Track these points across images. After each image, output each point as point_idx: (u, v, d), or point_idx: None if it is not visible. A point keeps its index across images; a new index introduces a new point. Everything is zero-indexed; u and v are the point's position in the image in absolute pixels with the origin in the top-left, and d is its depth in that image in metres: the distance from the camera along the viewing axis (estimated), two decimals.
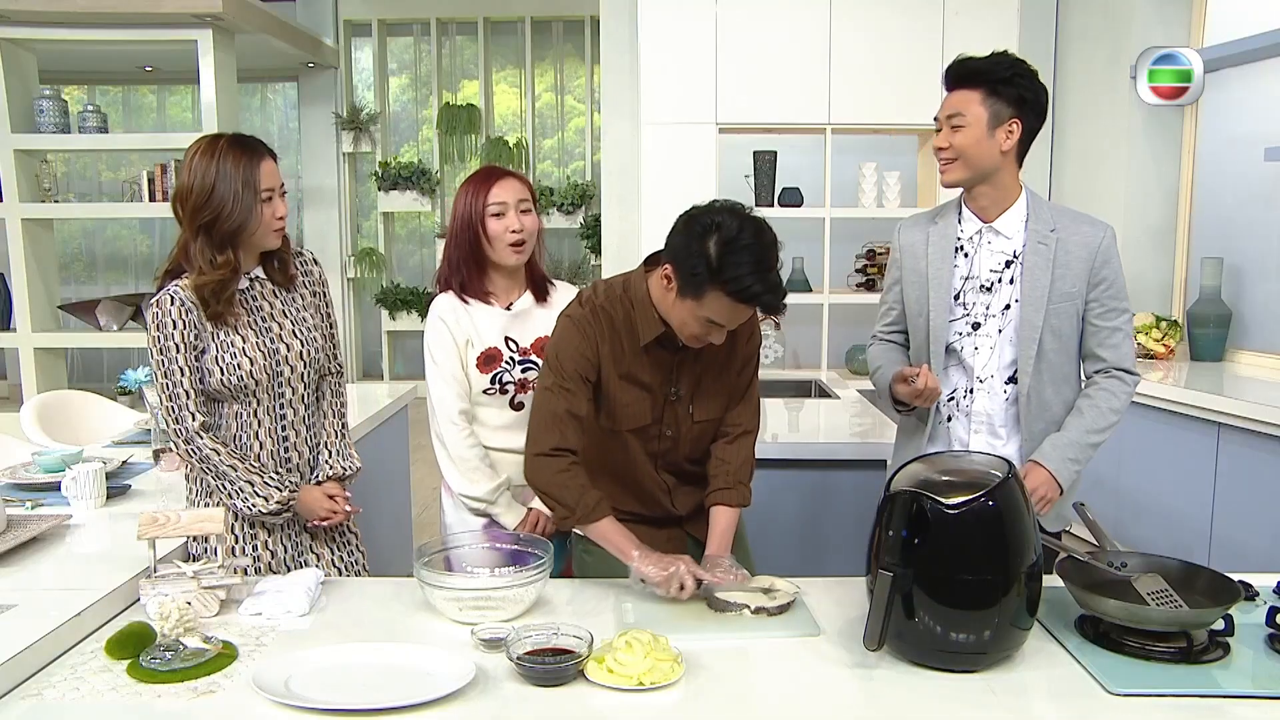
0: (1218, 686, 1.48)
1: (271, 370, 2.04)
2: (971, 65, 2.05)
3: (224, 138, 2.01)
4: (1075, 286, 2.07)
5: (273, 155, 2.04)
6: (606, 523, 1.88)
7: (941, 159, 2.09)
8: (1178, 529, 3.63)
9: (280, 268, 2.11)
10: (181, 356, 1.97)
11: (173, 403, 1.98)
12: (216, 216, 1.95)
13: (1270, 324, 4.16)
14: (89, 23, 5.41)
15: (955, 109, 2.04)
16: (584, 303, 1.97)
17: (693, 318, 1.81)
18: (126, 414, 3.66)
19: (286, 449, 2.09)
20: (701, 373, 1.99)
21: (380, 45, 8.18)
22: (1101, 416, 2.08)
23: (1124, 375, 2.11)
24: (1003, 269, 2.11)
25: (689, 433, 2.02)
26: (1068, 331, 2.10)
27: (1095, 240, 2.08)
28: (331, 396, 2.21)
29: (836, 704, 1.48)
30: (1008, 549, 1.51)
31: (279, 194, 2.03)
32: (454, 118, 7.98)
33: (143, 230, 8.69)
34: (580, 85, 8.15)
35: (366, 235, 8.52)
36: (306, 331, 2.11)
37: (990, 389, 2.13)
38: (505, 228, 2.20)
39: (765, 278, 1.75)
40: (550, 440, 1.90)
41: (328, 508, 2.09)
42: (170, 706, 1.42)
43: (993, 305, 2.11)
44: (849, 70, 4.72)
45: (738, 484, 2.03)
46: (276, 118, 8.69)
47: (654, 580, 1.79)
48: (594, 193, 7.67)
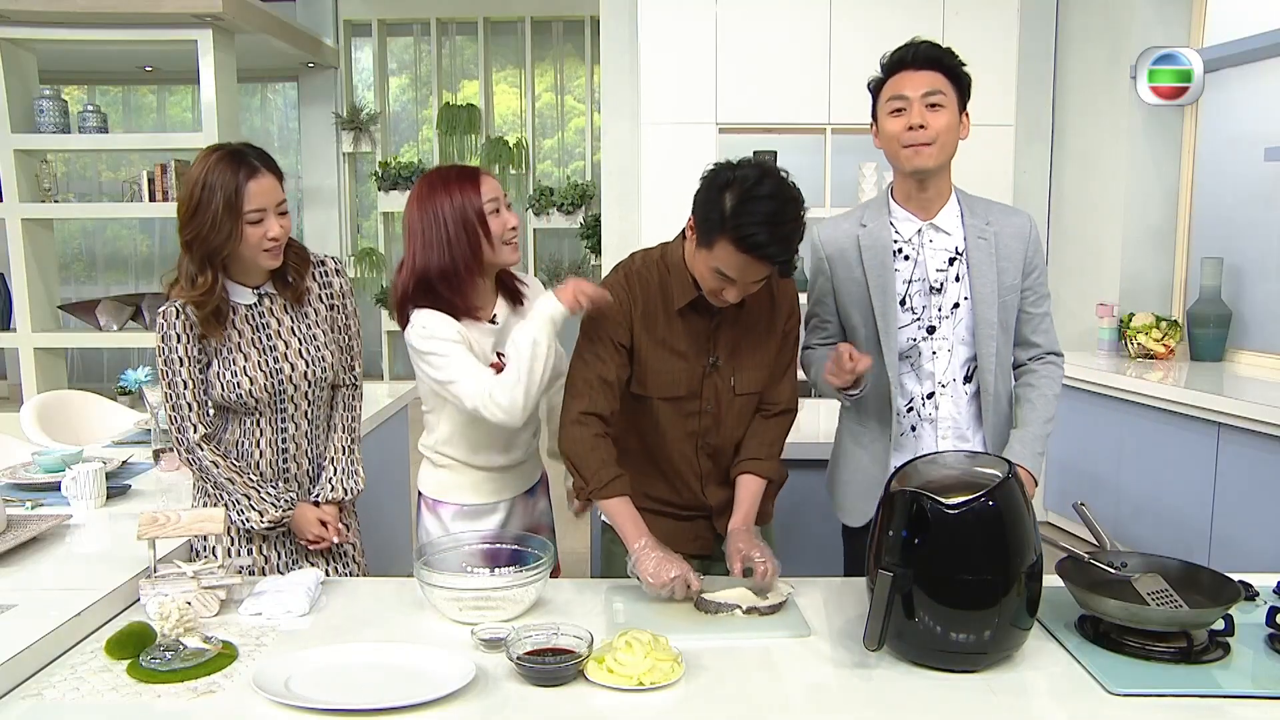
0: (1218, 686, 1.48)
1: (273, 389, 2.01)
2: (930, 50, 1.97)
3: (220, 150, 1.93)
4: (1014, 278, 2.06)
5: (273, 171, 1.95)
6: (619, 502, 1.86)
7: (916, 142, 1.95)
8: (1178, 529, 3.64)
9: (290, 285, 2.04)
10: (185, 370, 1.96)
11: (176, 413, 1.98)
12: (196, 235, 1.90)
13: (1270, 324, 4.16)
14: (89, 23, 5.40)
15: (934, 87, 1.94)
16: (619, 269, 1.98)
17: (706, 269, 1.82)
18: (126, 414, 3.66)
19: (285, 461, 2.07)
20: (738, 341, 1.97)
21: (380, 45, 8.18)
22: (1049, 404, 2.09)
23: (1056, 359, 2.13)
24: (948, 267, 2.05)
25: (730, 407, 2.00)
26: (1010, 323, 2.09)
27: (1025, 229, 2.07)
28: (343, 409, 2.16)
29: (836, 704, 1.47)
30: (1008, 549, 1.51)
31: (274, 213, 1.93)
32: (454, 118, 7.98)
33: (143, 230, 8.69)
34: (580, 85, 8.15)
35: (366, 235, 8.52)
36: (315, 350, 2.06)
37: (953, 392, 2.08)
38: (504, 225, 2.05)
39: (776, 231, 1.74)
40: (579, 405, 1.90)
41: (316, 532, 2.06)
42: (170, 706, 1.42)
43: (944, 306, 2.05)
44: (849, 70, 4.71)
45: (770, 456, 2.02)
46: (276, 118, 8.69)
47: (646, 582, 1.78)
48: (594, 193, 7.67)
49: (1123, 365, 4.20)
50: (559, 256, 7.98)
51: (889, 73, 2.01)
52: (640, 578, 1.79)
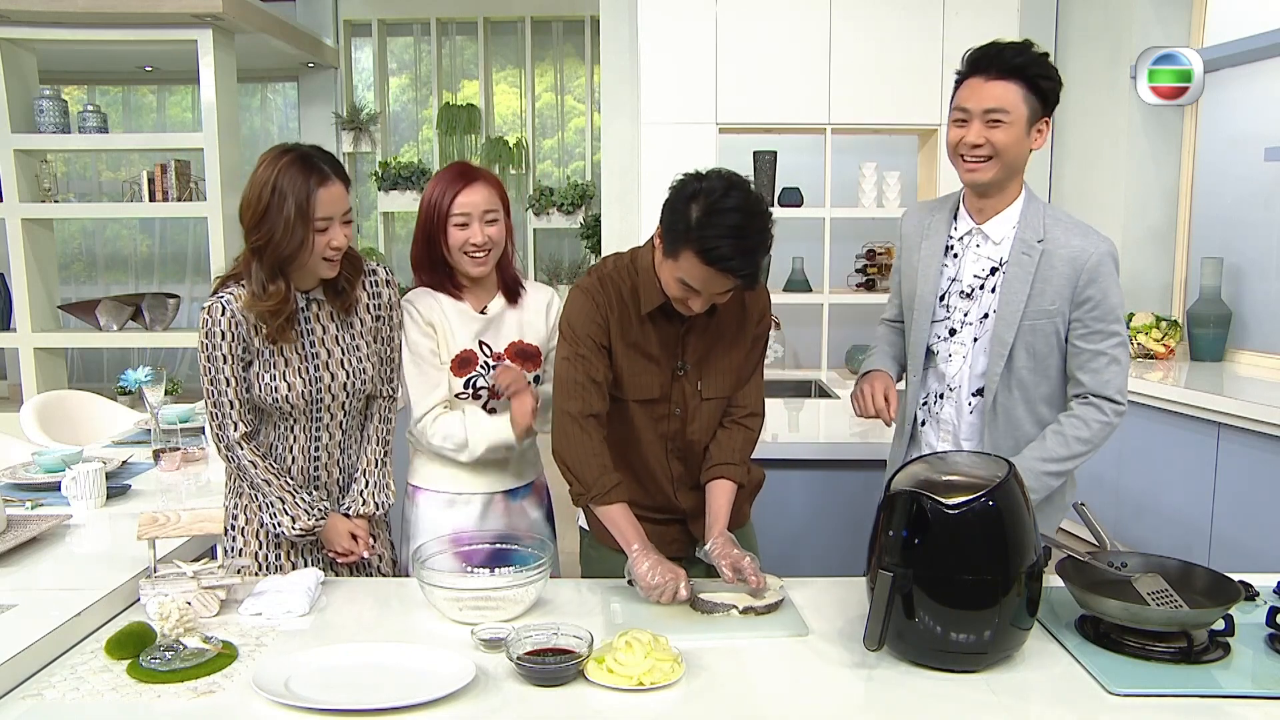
0: (1218, 686, 1.48)
1: (311, 397, 1.99)
2: (1012, 57, 1.89)
3: (291, 153, 1.89)
4: (1055, 304, 1.95)
5: (342, 178, 1.91)
6: (619, 508, 1.87)
7: (974, 156, 1.92)
8: (1178, 529, 3.63)
9: (341, 294, 2.01)
10: (228, 367, 1.92)
11: (217, 409, 1.94)
12: (268, 241, 1.86)
13: (1270, 324, 4.16)
14: (89, 23, 5.40)
15: (998, 104, 1.88)
16: (593, 272, 1.99)
17: (671, 279, 1.83)
18: (126, 414, 3.67)
19: (317, 468, 2.05)
20: (708, 348, 1.98)
21: (380, 45, 8.18)
22: (1065, 445, 1.95)
23: (1101, 403, 1.96)
24: (987, 276, 2.01)
25: (697, 410, 2.01)
26: (1044, 350, 1.98)
27: (1084, 256, 1.93)
28: (378, 421, 2.13)
29: (836, 704, 1.47)
30: (1008, 549, 1.51)
31: (339, 221, 1.90)
32: (454, 118, 7.98)
33: (143, 230, 8.68)
34: (580, 85, 8.15)
35: (366, 235, 8.52)
36: (357, 362, 2.04)
37: (957, 399, 2.07)
38: (465, 239, 2.10)
39: (740, 245, 1.73)
40: (574, 406, 1.90)
41: (346, 545, 2.04)
42: (170, 706, 1.42)
43: (971, 313, 2.03)
44: (849, 70, 4.72)
45: (741, 461, 2.02)
46: (276, 118, 8.68)
47: (642, 585, 1.79)
48: (594, 193, 7.67)
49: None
50: (559, 256, 7.98)
51: (964, 76, 1.95)
52: (636, 580, 1.80)
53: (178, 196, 5.60)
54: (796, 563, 2.65)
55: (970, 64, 1.93)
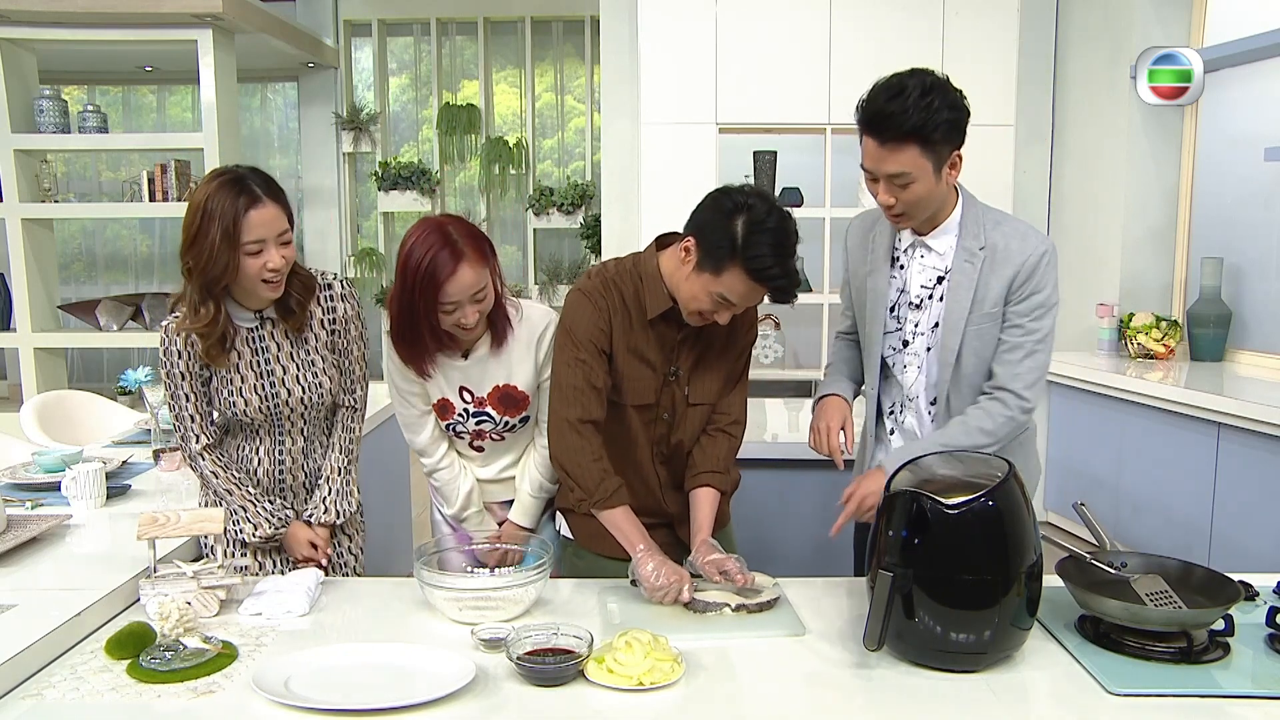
0: (1218, 686, 1.48)
1: (269, 411, 2.03)
2: (901, 120, 1.77)
3: (223, 176, 1.87)
4: (995, 306, 1.94)
5: (277, 199, 1.88)
6: (622, 511, 1.89)
7: (890, 213, 1.91)
8: (1178, 529, 3.63)
9: (291, 314, 2.00)
10: (186, 384, 1.97)
11: (179, 423, 2.01)
12: (195, 264, 1.86)
13: (1270, 324, 4.16)
14: (89, 23, 5.40)
15: (899, 168, 1.81)
16: (594, 276, 1.99)
17: (705, 293, 1.84)
18: (126, 414, 3.67)
19: (282, 473, 2.09)
20: (700, 355, 2.00)
21: (380, 45, 8.17)
22: (965, 434, 1.92)
23: (1006, 397, 1.94)
24: (934, 285, 2.00)
25: (684, 415, 2.03)
26: (989, 353, 1.97)
27: (1022, 258, 1.91)
28: (342, 430, 2.13)
29: (836, 704, 1.47)
30: (1008, 549, 1.52)
31: (275, 243, 1.87)
32: (454, 118, 7.97)
33: (143, 230, 8.68)
34: (580, 85, 8.15)
35: (366, 235, 8.51)
36: (313, 377, 2.04)
37: (917, 408, 2.08)
38: (455, 320, 1.98)
39: (784, 263, 1.80)
40: (573, 412, 1.91)
41: (306, 554, 2.06)
42: (170, 706, 1.42)
43: (921, 323, 2.02)
44: (849, 70, 4.71)
45: (726, 469, 2.05)
46: (276, 118, 8.68)
47: (647, 585, 1.79)
48: (594, 193, 7.66)
49: (1123, 365, 4.20)
50: (559, 256, 7.98)
51: (861, 131, 1.86)
52: (639, 580, 1.81)
53: (178, 196, 5.60)
54: (803, 562, 2.65)
55: (864, 125, 1.84)
